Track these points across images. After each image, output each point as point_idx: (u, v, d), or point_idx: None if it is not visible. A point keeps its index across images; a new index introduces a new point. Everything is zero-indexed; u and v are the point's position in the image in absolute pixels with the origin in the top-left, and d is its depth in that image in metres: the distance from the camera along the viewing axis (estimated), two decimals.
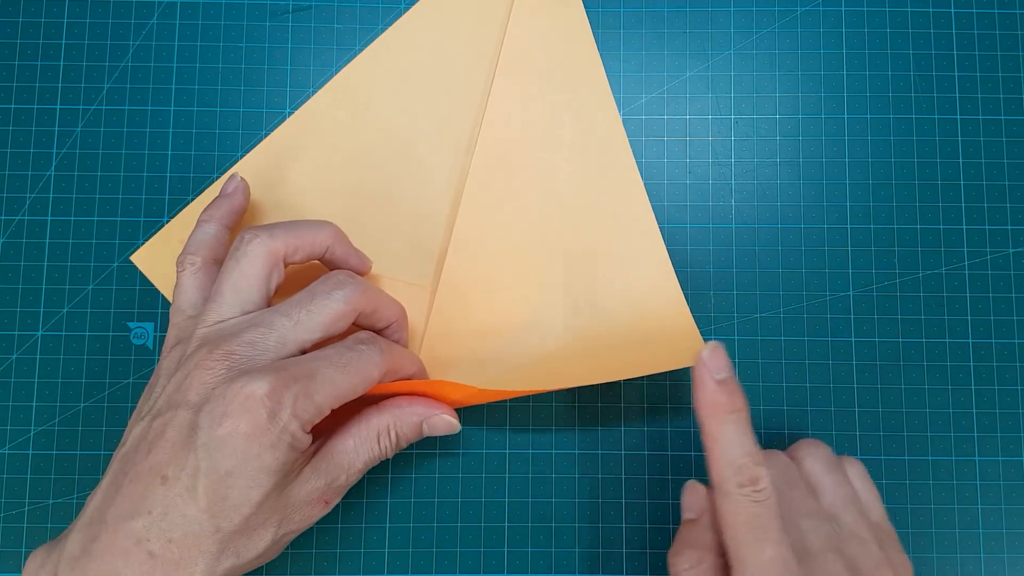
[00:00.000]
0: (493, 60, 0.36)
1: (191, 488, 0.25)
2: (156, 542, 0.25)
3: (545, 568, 0.34)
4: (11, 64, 0.36)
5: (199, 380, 0.26)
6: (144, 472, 0.26)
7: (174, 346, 0.29)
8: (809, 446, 0.30)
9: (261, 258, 0.29)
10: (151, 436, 0.26)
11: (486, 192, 0.35)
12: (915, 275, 0.35)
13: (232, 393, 0.26)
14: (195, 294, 0.30)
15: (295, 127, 0.36)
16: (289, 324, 0.28)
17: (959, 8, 0.37)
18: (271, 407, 0.25)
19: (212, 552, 0.25)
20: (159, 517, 0.25)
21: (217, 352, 0.27)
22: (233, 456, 0.25)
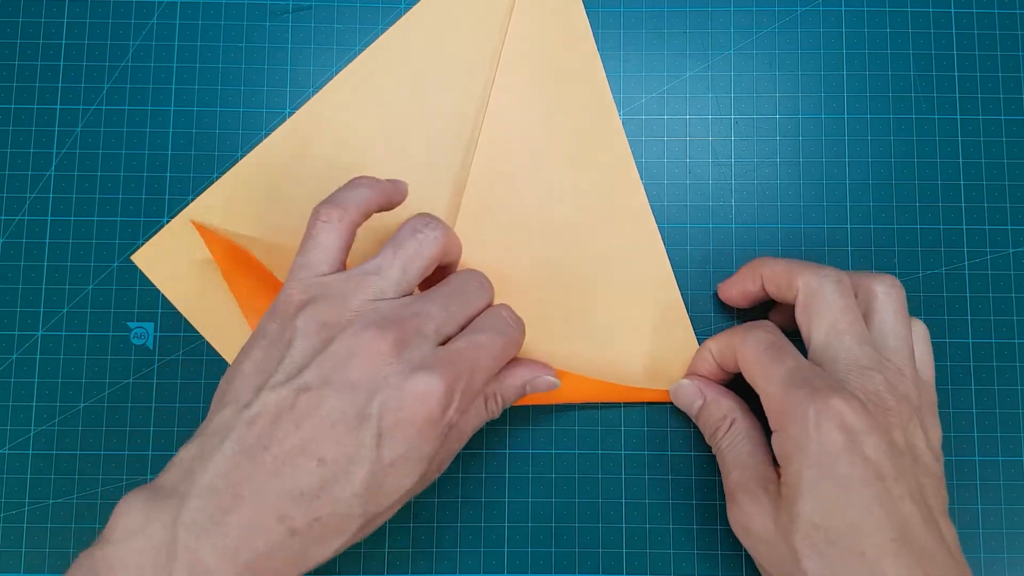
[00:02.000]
0: (493, 61, 0.36)
1: (350, 473, 0.25)
2: (301, 521, 0.24)
3: (545, 568, 0.34)
4: (11, 64, 0.36)
5: (368, 363, 0.25)
6: (295, 449, 0.25)
7: (306, 305, 0.27)
8: (886, 283, 0.30)
9: (439, 247, 0.29)
10: (299, 410, 0.25)
11: (486, 193, 0.35)
12: (915, 275, 0.35)
13: (410, 388, 0.25)
14: (332, 253, 0.28)
15: (294, 129, 0.36)
16: (445, 316, 0.28)
17: (959, 8, 0.37)
18: (444, 403, 0.26)
19: (353, 530, 0.25)
20: (310, 498, 0.25)
21: (388, 337, 0.26)
22: (400, 447, 0.25)
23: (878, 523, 0.26)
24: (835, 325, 0.29)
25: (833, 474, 0.26)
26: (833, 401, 0.27)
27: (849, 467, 0.26)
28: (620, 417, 0.35)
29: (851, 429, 0.26)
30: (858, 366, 0.28)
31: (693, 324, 0.35)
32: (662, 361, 0.35)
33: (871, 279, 0.30)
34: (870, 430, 0.26)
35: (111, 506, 0.34)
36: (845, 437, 0.26)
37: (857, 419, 0.26)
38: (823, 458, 0.26)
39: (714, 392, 0.32)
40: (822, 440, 0.26)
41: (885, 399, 0.27)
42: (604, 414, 0.35)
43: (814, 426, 0.26)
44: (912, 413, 0.28)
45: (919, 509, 0.26)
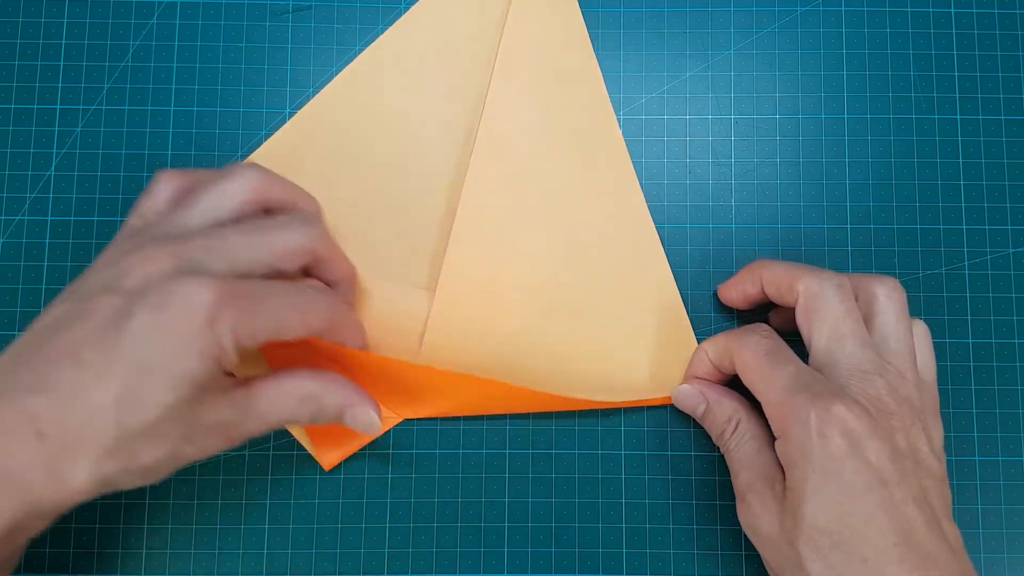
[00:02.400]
0: (490, 62, 0.36)
1: (105, 375, 0.24)
2: (49, 423, 0.24)
3: (545, 568, 0.34)
4: (11, 64, 0.36)
5: (141, 270, 0.25)
6: (59, 349, 0.24)
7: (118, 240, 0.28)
8: (888, 288, 0.30)
9: (250, 188, 0.28)
10: (73, 315, 0.25)
11: (484, 194, 0.35)
12: (915, 275, 0.35)
13: (175, 288, 0.24)
14: (163, 205, 0.29)
15: (294, 130, 0.36)
16: (244, 241, 0.27)
17: (959, 8, 0.37)
18: (211, 314, 0.24)
19: (106, 447, 0.24)
20: (62, 397, 0.24)
21: (167, 248, 0.26)
22: (159, 352, 0.24)
23: (881, 528, 0.26)
24: (836, 329, 0.29)
25: (837, 480, 0.26)
26: (835, 407, 0.27)
27: (852, 473, 0.26)
28: (620, 417, 0.35)
29: (853, 435, 0.26)
30: (860, 370, 0.28)
31: (693, 325, 0.35)
32: (662, 362, 0.35)
33: (872, 282, 0.30)
34: (872, 435, 0.26)
35: (111, 506, 0.34)
36: (848, 443, 0.26)
37: (859, 424, 0.26)
38: (826, 464, 0.26)
39: (716, 394, 0.32)
40: (825, 446, 0.26)
41: (887, 403, 0.28)
42: (604, 414, 0.35)
43: (817, 432, 0.27)
44: (914, 416, 0.28)
45: (922, 512, 0.26)
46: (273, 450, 0.34)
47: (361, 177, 0.36)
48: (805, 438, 0.27)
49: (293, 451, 0.34)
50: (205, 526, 0.34)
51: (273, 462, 0.34)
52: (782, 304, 0.32)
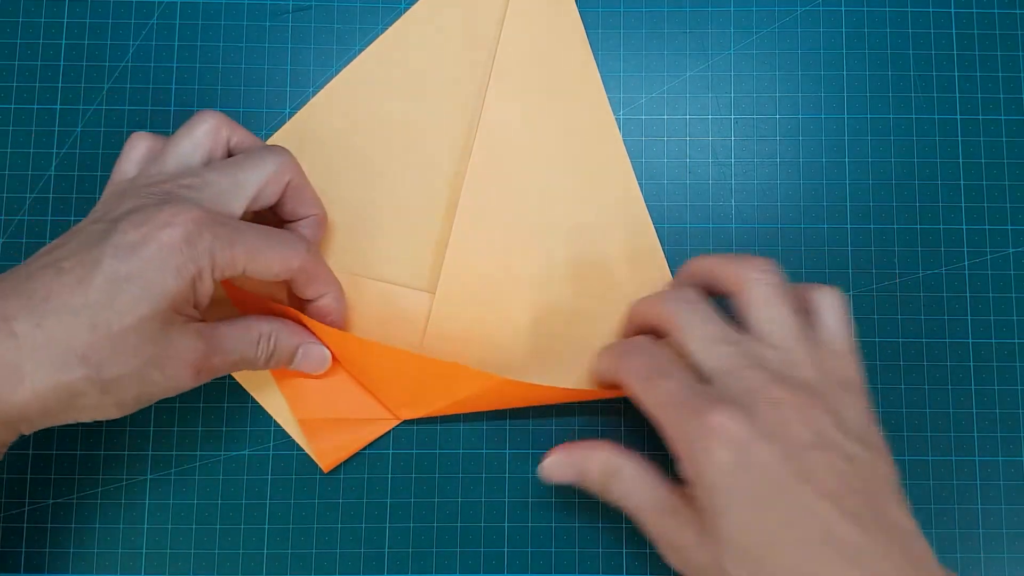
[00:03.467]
0: (489, 62, 0.36)
1: (84, 280, 0.25)
2: (24, 324, 0.24)
3: (545, 568, 0.34)
4: (11, 64, 0.36)
5: (130, 204, 0.27)
6: (42, 264, 0.26)
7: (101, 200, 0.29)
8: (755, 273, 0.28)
9: (214, 129, 0.30)
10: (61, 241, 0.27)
11: (483, 195, 0.35)
12: (915, 275, 0.35)
13: (159, 209, 0.26)
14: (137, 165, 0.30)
15: (293, 130, 0.36)
16: (222, 179, 0.28)
17: (959, 8, 0.37)
18: (190, 232, 0.26)
19: (76, 351, 0.24)
20: (39, 301, 0.25)
21: (153, 188, 0.27)
22: (138, 261, 0.25)
23: (800, 531, 0.24)
24: (703, 336, 0.27)
25: (738, 493, 0.24)
26: (711, 418, 0.25)
27: (750, 482, 0.24)
28: (620, 417, 0.35)
29: (739, 442, 0.25)
30: (735, 369, 0.26)
31: None
32: None
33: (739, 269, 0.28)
34: (759, 437, 0.25)
35: (111, 506, 0.34)
36: (733, 453, 0.24)
37: (742, 429, 0.25)
38: (721, 480, 0.25)
39: (581, 453, 0.30)
40: (713, 462, 0.25)
41: (773, 390, 0.25)
42: (604, 414, 0.35)
43: (702, 451, 0.25)
44: (813, 398, 0.26)
45: (838, 505, 0.24)
46: (273, 450, 0.34)
47: (360, 177, 0.36)
48: (693, 459, 0.25)
49: (293, 451, 0.34)
50: (205, 526, 0.34)
51: (273, 462, 0.34)
52: None
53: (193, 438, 0.34)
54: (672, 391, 0.27)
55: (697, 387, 0.26)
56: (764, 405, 0.25)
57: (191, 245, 0.26)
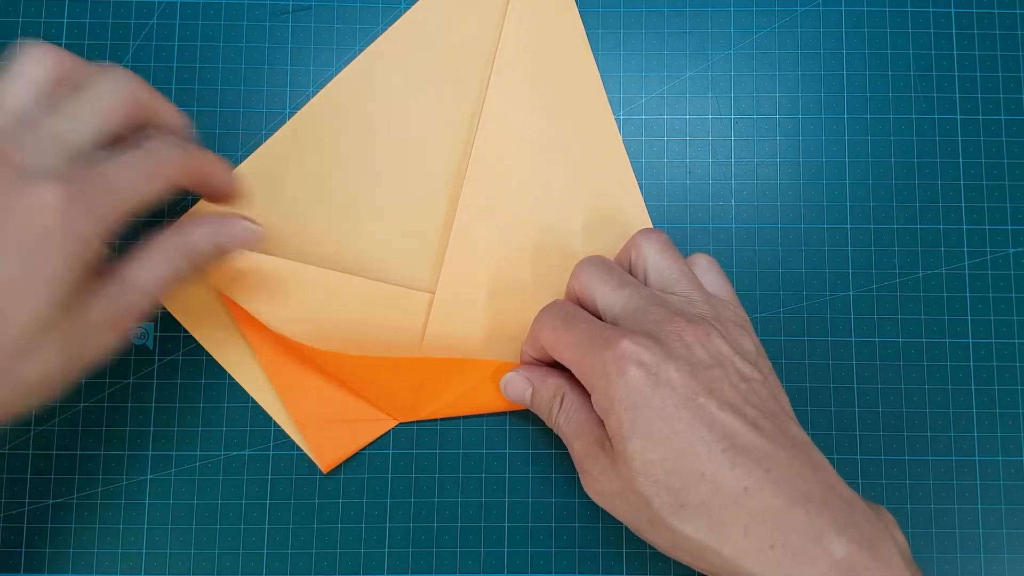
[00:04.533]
0: (489, 62, 0.36)
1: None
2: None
3: (545, 568, 0.34)
4: None
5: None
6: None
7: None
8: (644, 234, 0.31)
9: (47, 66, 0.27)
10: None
11: (482, 195, 0.35)
12: (915, 275, 0.35)
13: (20, 199, 0.24)
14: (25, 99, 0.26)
15: (292, 131, 0.36)
16: (60, 120, 0.25)
17: (959, 8, 0.37)
18: (65, 219, 0.24)
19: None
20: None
21: None
22: (17, 265, 0.23)
23: (704, 439, 0.25)
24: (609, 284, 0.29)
25: (647, 410, 0.26)
26: (623, 344, 0.27)
27: (660, 398, 0.26)
28: None
29: (648, 363, 0.26)
30: (639, 309, 0.28)
31: None
32: None
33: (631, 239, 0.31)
34: (667, 358, 0.26)
35: (111, 506, 0.34)
36: (644, 372, 0.26)
37: (651, 353, 0.26)
38: (633, 400, 0.26)
39: (540, 375, 0.31)
40: (626, 383, 0.26)
41: (676, 321, 0.27)
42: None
43: (615, 373, 0.26)
44: (710, 327, 0.28)
45: (742, 415, 0.26)
46: (273, 450, 0.34)
47: (360, 177, 0.36)
48: (607, 383, 0.27)
49: (293, 451, 0.34)
50: (205, 526, 0.34)
51: (273, 462, 0.34)
52: None
53: (193, 438, 0.34)
54: (584, 331, 0.28)
55: (606, 325, 0.29)
56: (669, 334, 0.27)
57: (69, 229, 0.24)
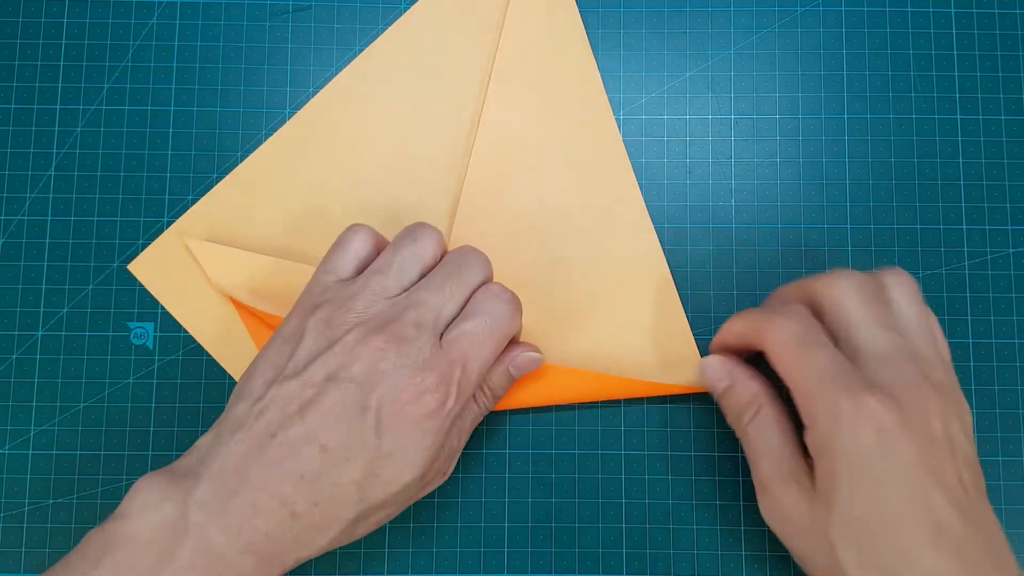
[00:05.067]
0: (489, 62, 0.36)
1: (349, 460, 0.26)
2: (301, 504, 0.26)
3: (545, 568, 0.34)
4: (11, 64, 0.36)
5: (367, 360, 0.27)
6: (298, 437, 0.26)
7: (318, 307, 0.28)
8: (897, 276, 0.30)
9: (435, 245, 0.30)
10: (304, 401, 0.27)
11: (483, 194, 0.35)
12: (915, 275, 0.35)
13: (405, 380, 0.27)
14: (353, 261, 0.30)
15: (292, 131, 0.36)
16: (443, 301, 0.29)
17: (959, 8, 0.37)
18: (440, 397, 0.27)
19: (349, 519, 0.27)
20: (310, 482, 0.26)
21: (384, 334, 0.27)
22: (399, 439, 0.27)
23: (916, 518, 0.25)
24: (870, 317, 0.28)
25: (870, 471, 0.26)
26: (866, 399, 0.26)
27: (885, 463, 0.26)
28: (620, 417, 0.35)
29: (885, 429, 0.26)
30: (888, 356, 0.27)
31: (692, 324, 0.35)
32: (660, 361, 0.35)
33: (881, 273, 0.30)
34: (903, 428, 0.26)
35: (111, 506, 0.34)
36: (879, 437, 0.26)
37: (890, 417, 0.26)
38: (859, 456, 0.26)
39: (742, 374, 0.31)
40: (856, 439, 0.26)
41: (923, 388, 0.27)
42: (604, 414, 0.35)
43: (848, 425, 0.26)
44: (948, 401, 0.27)
45: (957, 501, 0.26)
46: None
47: (360, 177, 0.36)
48: (836, 429, 0.26)
49: None
50: None
51: None
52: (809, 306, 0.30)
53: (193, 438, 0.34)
54: (827, 362, 0.27)
55: (849, 365, 0.27)
56: (912, 400, 0.27)
57: (442, 407, 0.27)
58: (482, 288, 0.30)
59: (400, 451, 0.27)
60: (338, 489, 0.26)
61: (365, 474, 0.26)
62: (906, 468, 0.26)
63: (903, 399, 0.26)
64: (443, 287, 0.29)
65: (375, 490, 0.27)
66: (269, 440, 0.26)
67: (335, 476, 0.26)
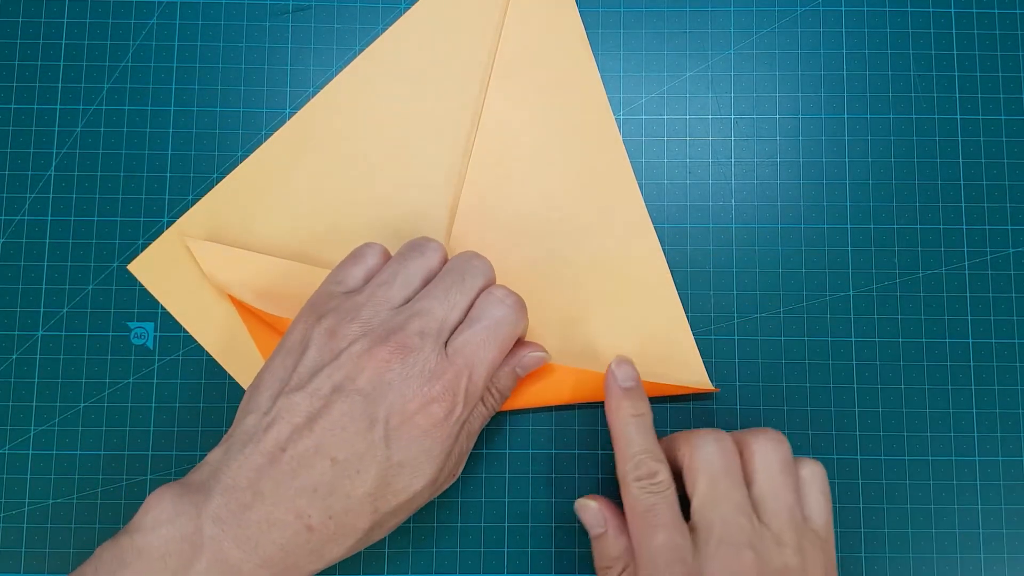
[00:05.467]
0: (488, 63, 0.36)
1: (361, 472, 0.26)
2: (317, 518, 0.26)
3: (545, 568, 0.34)
4: (11, 64, 0.36)
5: (372, 371, 0.27)
6: (308, 450, 0.26)
7: (322, 318, 0.29)
8: (767, 441, 0.30)
9: (438, 256, 0.31)
10: (311, 414, 0.27)
11: (483, 194, 0.35)
12: (915, 275, 0.35)
13: (412, 391, 0.27)
14: (363, 275, 0.30)
15: (292, 131, 0.36)
16: (447, 309, 0.29)
17: (959, 8, 0.37)
18: (447, 405, 0.27)
19: (364, 529, 0.27)
20: (323, 495, 0.26)
21: (389, 345, 0.27)
22: (408, 449, 0.27)
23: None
24: (713, 488, 0.29)
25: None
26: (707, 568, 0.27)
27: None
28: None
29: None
30: (731, 542, 0.28)
31: (693, 324, 0.35)
32: (659, 360, 0.35)
33: (752, 436, 0.30)
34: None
35: (111, 506, 0.34)
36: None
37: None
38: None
39: (616, 527, 0.31)
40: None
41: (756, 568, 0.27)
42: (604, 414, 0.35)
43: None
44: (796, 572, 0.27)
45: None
46: None
47: (360, 178, 0.36)
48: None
49: None
50: None
51: None
52: None
53: (193, 438, 0.34)
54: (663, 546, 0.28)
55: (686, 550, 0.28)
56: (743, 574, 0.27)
57: (450, 415, 0.27)
58: (485, 292, 0.30)
59: (410, 461, 0.27)
60: (352, 501, 0.26)
61: (377, 485, 0.26)
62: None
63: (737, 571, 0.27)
64: (446, 295, 0.29)
65: (388, 500, 0.27)
66: (279, 454, 0.26)
67: (348, 489, 0.26)
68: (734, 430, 0.31)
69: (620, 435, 0.30)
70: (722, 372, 0.35)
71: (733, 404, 0.35)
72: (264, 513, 0.26)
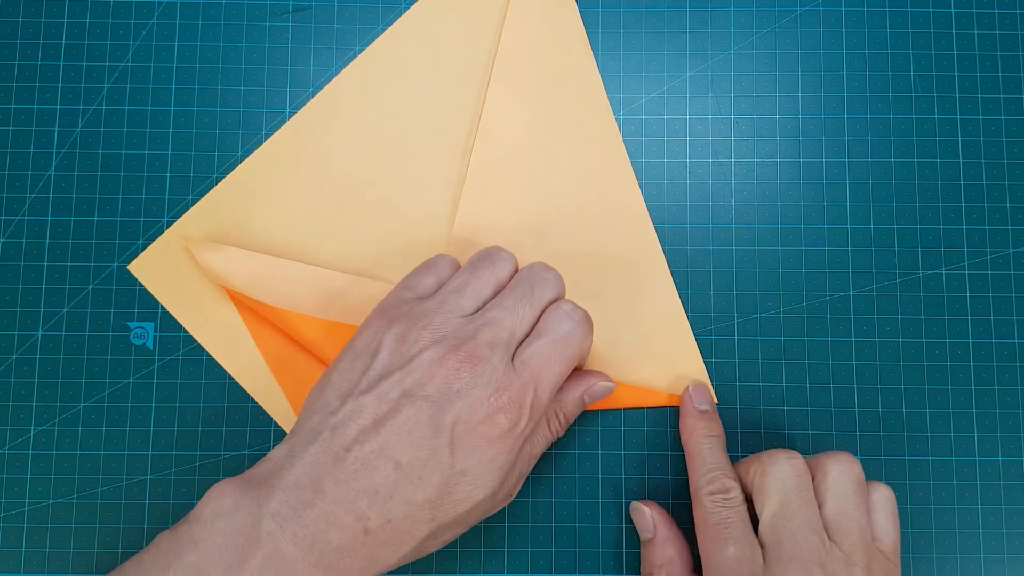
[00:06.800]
0: (488, 63, 0.36)
1: (423, 479, 0.26)
2: (375, 521, 0.26)
3: (545, 568, 0.34)
4: (11, 64, 0.36)
5: (441, 379, 0.27)
6: (373, 453, 0.26)
7: (394, 322, 0.29)
8: (840, 463, 0.30)
9: (510, 267, 0.31)
10: (379, 416, 0.27)
11: (483, 195, 0.35)
12: (915, 275, 0.35)
13: (479, 400, 0.27)
14: (435, 283, 0.31)
15: (292, 131, 0.36)
16: (516, 320, 0.29)
17: (959, 8, 0.37)
18: (513, 417, 0.27)
19: (420, 537, 0.27)
20: (384, 498, 0.26)
21: (459, 354, 0.27)
22: (472, 458, 0.27)
23: None
24: (785, 505, 0.29)
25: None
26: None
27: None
28: (620, 417, 0.35)
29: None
30: (801, 559, 0.28)
31: (693, 324, 0.35)
32: (660, 361, 0.35)
33: (826, 458, 0.30)
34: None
35: (111, 506, 0.34)
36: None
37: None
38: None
39: (665, 533, 0.32)
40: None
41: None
42: (604, 414, 0.35)
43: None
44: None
45: None
46: None
47: (358, 179, 0.36)
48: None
49: None
50: None
51: None
52: None
53: (193, 438, 0.34)
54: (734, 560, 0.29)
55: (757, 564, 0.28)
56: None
57: (515, 427, 0.27)
58: (553, 306, 0.30)
59: (473, 470, 0.27)
60: (411, 507, 0.26)
61: (439, 492, 0.26)
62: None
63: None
64: (516, 306, 0.29)
65: (447, 509, 0.27)
66: (344, 454, 0.26)
67: (409, 494, 0.26)
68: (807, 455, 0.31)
69: (695, 454, 0.32)
70: (722, 372, 0.35)
71: (733, 404, 0.35)
72: (324, 512, 0.26)
